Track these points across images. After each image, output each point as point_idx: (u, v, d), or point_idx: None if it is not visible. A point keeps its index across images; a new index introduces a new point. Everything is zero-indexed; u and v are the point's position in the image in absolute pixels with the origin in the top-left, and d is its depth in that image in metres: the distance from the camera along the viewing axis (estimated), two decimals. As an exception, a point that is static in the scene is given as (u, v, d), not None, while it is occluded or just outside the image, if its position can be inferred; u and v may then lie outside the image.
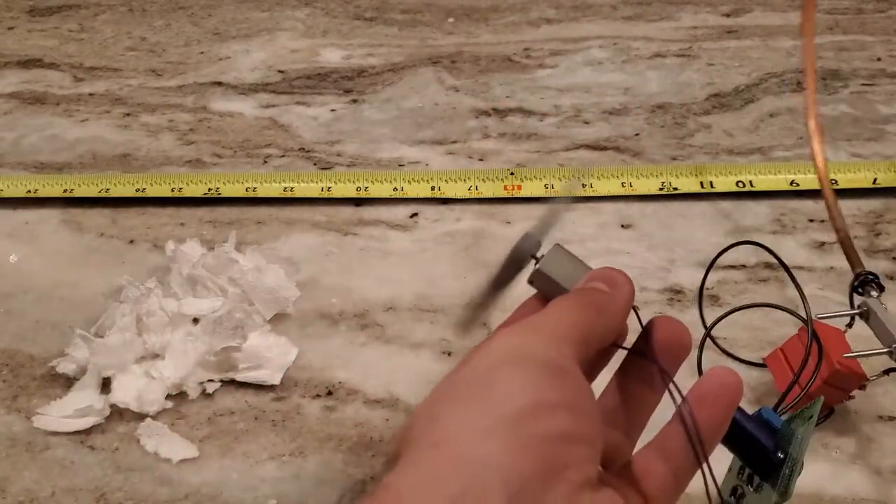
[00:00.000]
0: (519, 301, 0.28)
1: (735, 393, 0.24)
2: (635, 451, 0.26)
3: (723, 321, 0.39)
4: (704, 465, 0.23)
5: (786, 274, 0.37)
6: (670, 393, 0.24)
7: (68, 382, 0.40)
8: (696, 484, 0.24)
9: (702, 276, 0.41)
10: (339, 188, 0.53)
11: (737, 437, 0.25)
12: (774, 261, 0.46)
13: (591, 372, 0.27)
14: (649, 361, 0.25)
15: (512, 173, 0.54)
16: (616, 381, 0.27)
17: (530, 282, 0.28)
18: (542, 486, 0.20)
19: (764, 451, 0.25)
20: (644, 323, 0.26)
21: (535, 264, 0.27)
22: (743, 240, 0.40)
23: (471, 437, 0.21)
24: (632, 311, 0.26)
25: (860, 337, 0.36)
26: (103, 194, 0.54)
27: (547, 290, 0.27)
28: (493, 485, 0.20)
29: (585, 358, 0.24)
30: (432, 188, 0.53)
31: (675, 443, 0.24)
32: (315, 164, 0.58)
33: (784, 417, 0.27)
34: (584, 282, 0.27)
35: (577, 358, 0.23)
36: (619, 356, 0.27)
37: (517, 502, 0.20)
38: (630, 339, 0.27)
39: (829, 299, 0.43)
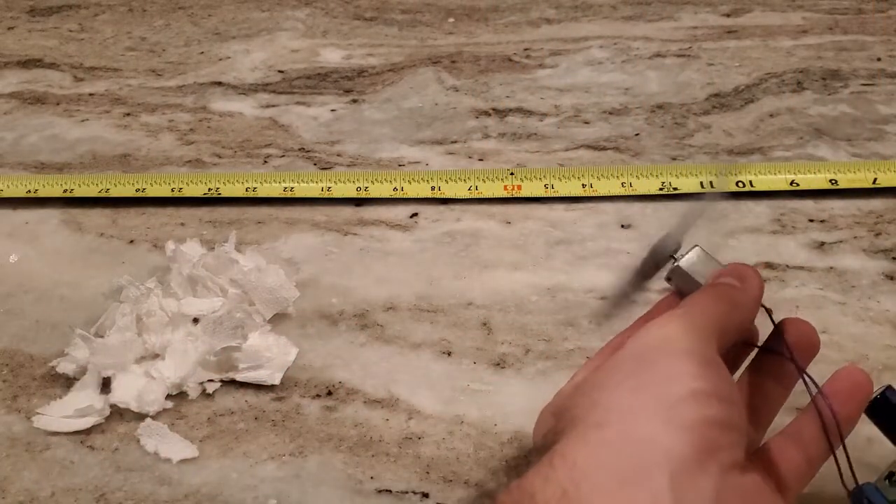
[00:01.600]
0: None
1: (866, 390, 0.27)
2: (768, 440, 0.28)
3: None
4: (841, 455, 0.26)
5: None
6: (807, 385, 0.26)
7: (68, 382, 0.40)
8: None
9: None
10: (339, 188, 0.53)
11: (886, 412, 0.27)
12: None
13: (729, 369, 0.29)
14: (783, 358, 0.28)
15: (512, 173, 0.54)
16: (748, 377, 0.29)
17: (668, 279, 0.30)
18: (699, 466, 0.22)
19: None
20: (776, 322, 0.28)
21: (674, 262, 0.29)
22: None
23: (635, 418, 0.23)
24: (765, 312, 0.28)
25: None
26: (103, 194, 0.54)
27: (683, 286, 0.29)
28: (658, 462, 0.22)
29: (723, 350, 0.26)
30: (432, 188, 0.53)
31: (808, 432, 0.26)
32: (315, 164, 0.58)
33: None
34: (715, 277, 0.29)
35: (719, 350, 0.26)
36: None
37: (678, 479, 0.22)
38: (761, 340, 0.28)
39: (828, 299, 0.43)
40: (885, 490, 0.26)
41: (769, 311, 0.28)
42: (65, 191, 0.54)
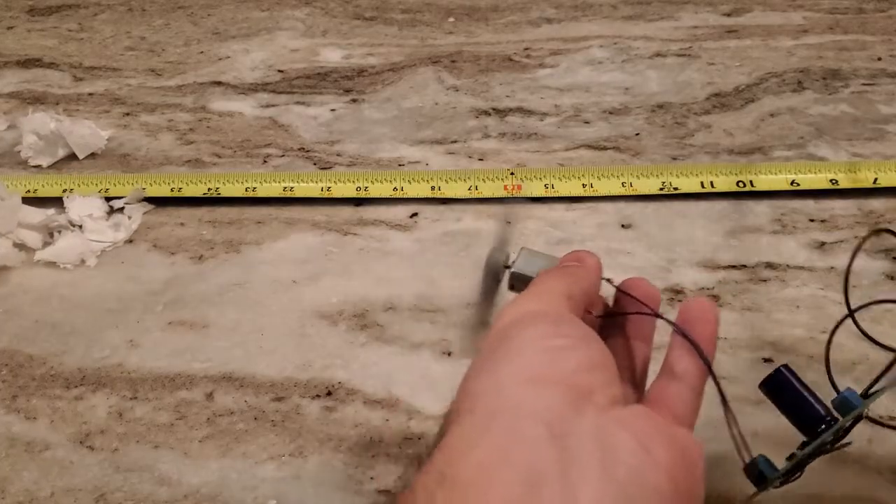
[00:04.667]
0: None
1: (712, 310, 0.27)
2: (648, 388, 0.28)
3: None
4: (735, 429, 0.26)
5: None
6: (670, 323, 0.27)
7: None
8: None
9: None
10: (339, 188, 0.53)
11: (787, 396, 0.27)
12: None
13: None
14: (626, 318, 0.30)
15: (512, 173, 0.54)
16: (607, 345, 0.29)
17: (511, 287, 0.31)
18: (574, 411, 0.22)
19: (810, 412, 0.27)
20: (617, 285, 0.30)
21: (508, 270, 0.30)
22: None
23: (499, 393, 0.23)
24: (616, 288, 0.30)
25: None
26: (103, 194, 0.54)
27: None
28: (531, 420, 0.22)
29: (576, 313, 0.27)
30: (432, 188, 0.53)
31: (680, 364, 0.27)
32: (315, 164, 0.57)
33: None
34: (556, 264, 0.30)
35: (569, 310, 0.27)
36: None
37: (554, 427, 0.22)
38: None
39: (829, 299, 0.43)
40: (775, 465, 0.26)
41: (609, 281, 0.30)
42: (64, 191, 0.54)
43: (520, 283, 0.30)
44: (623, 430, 0.22)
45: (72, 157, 0.59)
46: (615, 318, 0.30)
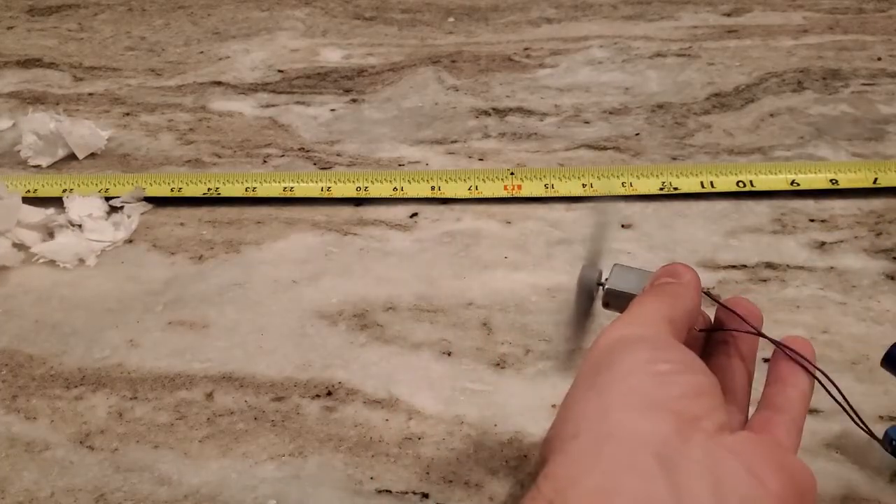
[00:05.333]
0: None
1: (811, 349, 0.28)
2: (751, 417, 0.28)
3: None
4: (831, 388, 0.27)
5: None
6: (778, 345, 0.27)
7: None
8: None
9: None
10: (339, 188, 0.53)
11: None
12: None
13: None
14: (727, 341, 0.29)
15: (512, 173, 0.54)
16: (708, 365, 0.29)
17: (605, 304, 0.30)
18: (682, 439, 0.22)
19: None
20: (722, 302, 0.30)
21: (603, 288, 0.30)
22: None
23: (605, 419, 0.23)
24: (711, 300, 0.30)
25: None
26: (103, 194, 0.54)
27: (622, 305, 0.29)
28: (640, 448, 0.22)
29: (678, 337, 0.26)
30: (432, 188, 0.53)
31: (783, 396, 0.27)
32: (315, 164, 0.57)
33: None
34: (651, 282, 0.29)
35: (672, 335, 0.26)
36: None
37: (664, 457, 0.21)
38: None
39: (829, 299, 0.43)
40: None
41: (709, 294, 0.29)
42: (64, 191, 0.54)
43: (615, 300, 0.30)
44: (733, 458, 0.22)
45: (71, 156, 0.59)
46: (716, 336, 0.30)
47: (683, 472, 0.21)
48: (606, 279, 0.30)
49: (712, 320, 0.31)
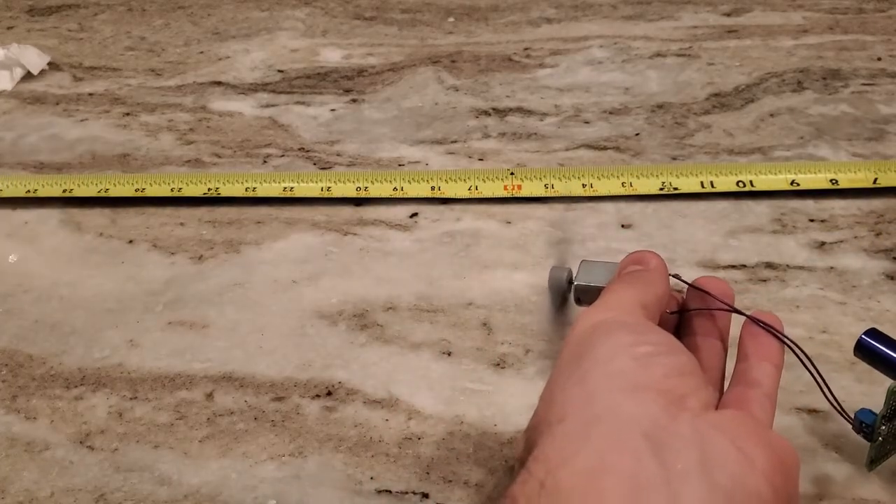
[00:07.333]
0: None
1: (778, 322, 0.28)
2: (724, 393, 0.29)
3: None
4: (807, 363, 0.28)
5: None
6: (751, 318, 0.28)
7: None
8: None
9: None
10: (339, 188, 0.53)
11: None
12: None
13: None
14: (701, 317, 0.30)
15: (512, 173, 0.54)
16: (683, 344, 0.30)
17: (577, 301, 0.31)
18: (670, 418, 0.22)
19: None
20: (690, 283, 0.31)
21: (573, 285, 0.31)
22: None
23: (591, 401, 0.23)
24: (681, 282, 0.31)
25: None
26: (102, 194, 0.54)
27: (593, 299, 0.30)
28: (628, 428, 0.22)
29: (652, 321, 0.27)
30: (432, 188, 0.53)
31: (756, 372, 0.27)
32: (315, 164, 0.57)
33: None
34: (618, 271, 0.30)
35: (646, 319, 0.27)
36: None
37: (653, 436, 0.22)
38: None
39: (829, 299, 0.43)
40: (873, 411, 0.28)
41: (678, 277, 0.30)
42: (64, 191, 0.54)
43: (585, 294, 0.30)
44: (721, 435, 0.22)
45: (28, 75, 0.59)
46: (689, 317, 0.30)
47: (672, 451, 0.21)
48: (575, 275, 0.31)
49: (682, 302, 0.31)
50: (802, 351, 0.28)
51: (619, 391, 0.23)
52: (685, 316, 0.31)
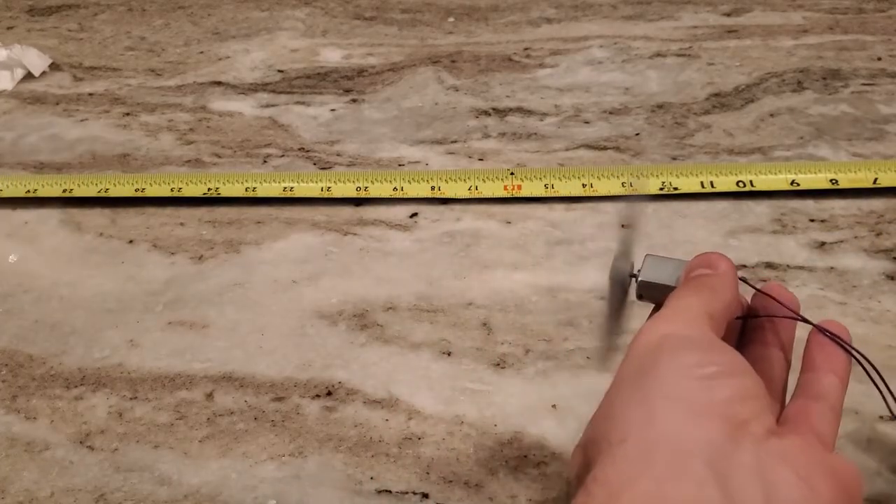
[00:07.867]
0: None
1: (846, 333, 0.28)
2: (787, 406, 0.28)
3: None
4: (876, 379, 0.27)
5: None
6: (821, 330, 0.27)
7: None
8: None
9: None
10: (339, 188, 0.53)
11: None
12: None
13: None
14: (764, 327, 0.29)
15: (512, 173, 0.54)
16: (745, 353, 0.29)
17: (639, 296, 0.30)
18: (733, 444, 0.22)
19: None
20: (759, 289, 0.30)
21: (636, 280, 0.29)
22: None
23: (653, 422, 0.23)
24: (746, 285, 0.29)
25: None
26: (102, 194, 0.54)
27: (656, 297, 0.29)
28: (691, 453, 0.22)
29: (718, 332, 0.26)
30: (432, 188, 0.53)
31: (821, 385, 0.26)
32: (315, 164, 0.57)
33: None
34: (686, 273, 0.29)
35: (713, 332, 0.26)
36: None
37: (716, 462, 0.21)
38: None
39: (829, 299, 0.43)
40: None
41: (746, 281, 0.29)
42: (64, 191, 0.54)
43: (648, 291, 0.29)
44: (783, 465, 0.22)
45: (29, 75, 0.59)
46: (753, 324, 0.30)
47: (735, 479, 0.21)
48: (639, 270, 0.30)
49: (748, 306, 0.30)
50: (871, 363, 0.27)
51: (682, 415, 0.23)
52: (749, 322, 0.30)
